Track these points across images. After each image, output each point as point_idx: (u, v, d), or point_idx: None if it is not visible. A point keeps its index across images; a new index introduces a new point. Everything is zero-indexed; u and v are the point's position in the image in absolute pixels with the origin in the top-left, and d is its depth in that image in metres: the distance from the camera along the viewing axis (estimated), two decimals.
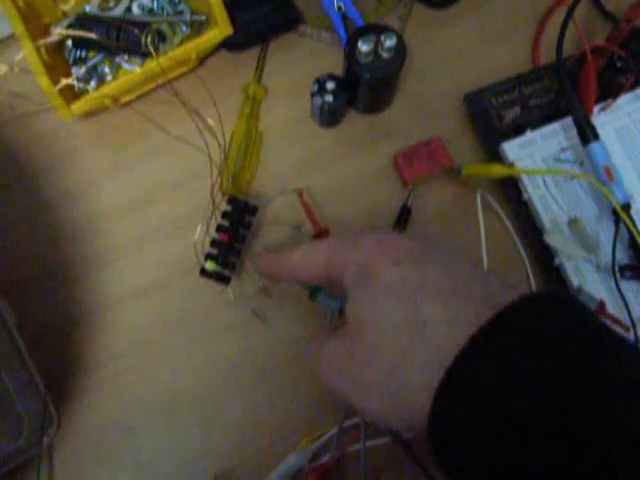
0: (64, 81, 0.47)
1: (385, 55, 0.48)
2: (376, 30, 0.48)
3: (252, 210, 0.48)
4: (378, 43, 0.48)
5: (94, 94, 0.50)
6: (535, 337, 0.27)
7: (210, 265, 0.47)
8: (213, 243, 0.48)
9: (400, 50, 0.48)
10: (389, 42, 0.47)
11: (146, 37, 0.51)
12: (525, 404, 0.26)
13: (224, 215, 0.48)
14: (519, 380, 0.26)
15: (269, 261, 0.41)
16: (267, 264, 0.41)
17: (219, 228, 0.48)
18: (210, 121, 0.52)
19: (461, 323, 0.28)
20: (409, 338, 0.29)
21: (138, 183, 0.53)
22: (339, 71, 0.52)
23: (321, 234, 0.48)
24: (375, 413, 0.31)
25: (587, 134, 0.49)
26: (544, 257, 0.50)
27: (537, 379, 0.26)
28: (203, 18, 0.53)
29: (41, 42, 0.48)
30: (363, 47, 0.47)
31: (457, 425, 0.27)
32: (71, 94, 0.51)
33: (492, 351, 0.27)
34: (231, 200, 0.48)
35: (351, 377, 0.32)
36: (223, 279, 0.48)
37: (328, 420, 0.47)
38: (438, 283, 0.30)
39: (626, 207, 0.48)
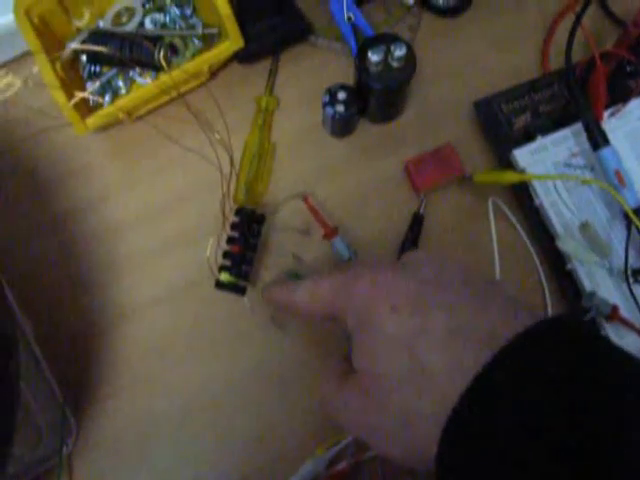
0: (79, 95, 0.48)
1: (395, 64, 0.48)
2: (386, 40, 0.48)
3: (259, 219, 0.49)
4: (388, 53, 0.48)
5: (108, 108, 0.50)
6: (535, 377, 0.27)
7: (224, 277, 0.48)
8: (226, 255, 0.48)
9: (410, 59, 0.49)
10: (399, 52, 0.47)
11: (159, 51, 0.52)
12: (526, 449, 0.25)
13: (233, 226, 0.48)
14: (517, 423, 0.26)
15: (277, 295, 0.41)
16: (275, 297, 0.41)
17: (229, 240, 0.48)
18: (218, 136, 0.52)
19: (462, 369, 0.28)
20: (415, 389, 0.29)
21: (152, 195, 0.53)
22: (350, 81, 0.52)
23: (330, 234, 0.49)
24: (396, 459, 0.32)
25: (597, 139, 0.49)
26: (557, 262, 0.50)
27: (536, 424, 0.26)
28: (215, 31, 0.54)
29: (55, 56, 0.49)
30: (373, 57, 0.48)
31: (459, 472, 0.28)
32: (86, 109, 0.52)
33: (490, 396, 0.27)
34: (239, 211, 0.48)
35: (368, 427, 0.33)
36: (238, 289, 0.48)
37: None
38: (437, 327, 0.30)
39: (638, 211, 0.48)
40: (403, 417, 0.30)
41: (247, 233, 0.48)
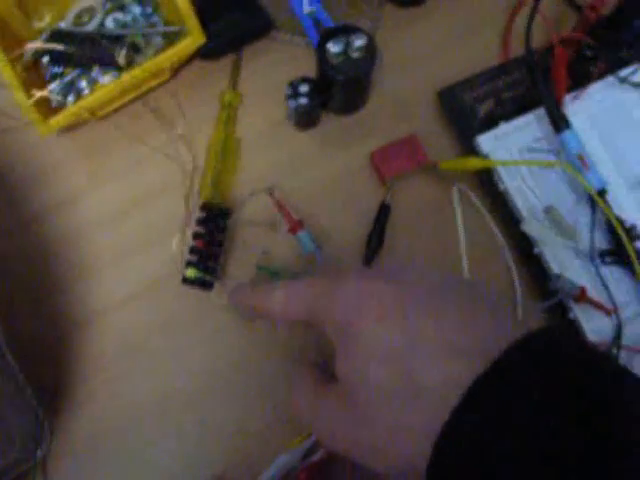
0: (38, 94, 0.48)
1: (356, 55, 0.48)
2: (346, 31, 0.48)
3: (225, 214, 0.49)
4: (348, 44, 0.48)
5: (72, 108, 0.50)
6: (527, 391, 0.26)
7: (191, 272, 0.48)
8: (192, 250, 0.48)
9: (370, 49, 0.49)
10: (359, 42, 0.47)
11: (120, 50, 0.52)
12: (517, 465, 0.25)
13: (198, 222, 0.49)
14: (508, 438, 0.26)
15: (249, 298, 0.39)
16: (245, 300, 0.40)
17: (195, 235, 0.49)
18: (180, 131, 0.52)
19: (454, 383, 0.27)
20: (403, 404, 0.29)
21: (119, 194, 0.53)
22: (314, 74, 0.52)
23: (295, 228, 0.49)
24: (380, 472, 0.31)
25: (559, 123, 0.49)
26: (524, 246, 0.51)
27: (529, 439, 0.25)
28: (176, 29, 0.53)
29: (16, 55, 0.49)
30: (333, 48, 0.48)
31: None
32: (50, 110, 0.52)
33: (482, 411, 0.27)
34: (204, 206, 0.48)
35: (349, 440, 0.32)
36: (205, 284, 0.48)
37: None
38: (426, 339, 0.29)
39: (602, 193, 0.48)
40: (391, 431, 0.29)
41: (213, 228, 0.48)
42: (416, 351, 0.29)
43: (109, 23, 0.54)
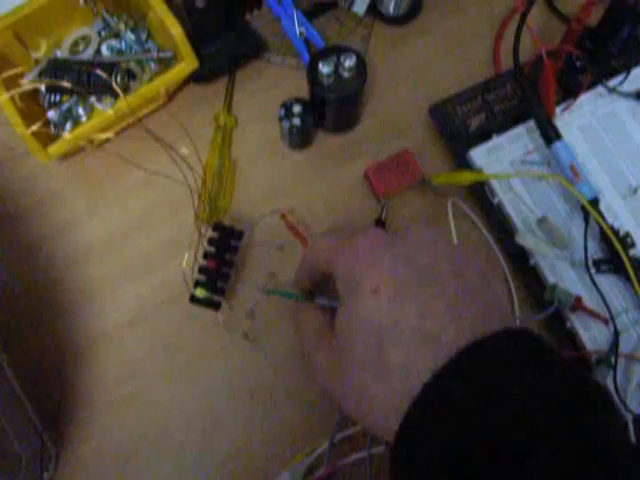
0: (35, 125, 0.49)
1: (346, 75, 0.49)
2: (336, 51, 0.49)
3: (238, 235, 0.49)
4: (338, 64, 0.49)
5: (70, 136, 0.51)
6: (481, 388, 0.28)
7: (200, 292, 0.48)
8: (201, 270, 0.49)
9: (360, 69, 0.50)
10: (349, 62, 0.48)
11: (116, 77, 0.53)
12: (473, 463, 0.26)
13: (210, 242, 0.49)
14: (463, 434, 0.27)
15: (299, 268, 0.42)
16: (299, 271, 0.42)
17: (206, 255, 0.49)
18: (184, 151, 0.53)
19: (419, 371, 0.29)
20: (373, 374, 0.31)
21: (119, 218, 0.54)
22: (306, 94, 0.53)
23: None
24: (352, 417, 0.35)
25: (549, 134, 0.50)
26: (520, 258, 0.51)
27: (483, 438, 0.26)
28: (170, 54, 0.55)
29: (14, 91, 0.50)
30: (324, 69, 0.48)
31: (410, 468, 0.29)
32: (48, 138, 0.52)
33: (440, 401, 0.28)
34: (217, 226, 0.49)
35: (331, 384, 0.35)
36: (213, 304, 0.49)
37: (321, 434, 0.48)
38: (407, 324, 0.30)
39: (594, 202, 0.49)
40: (362, 394, 0.32)
41: (224, 249, 0.49)
42: (396, 332, 0.31)
43: (104, 50, 0.55)
